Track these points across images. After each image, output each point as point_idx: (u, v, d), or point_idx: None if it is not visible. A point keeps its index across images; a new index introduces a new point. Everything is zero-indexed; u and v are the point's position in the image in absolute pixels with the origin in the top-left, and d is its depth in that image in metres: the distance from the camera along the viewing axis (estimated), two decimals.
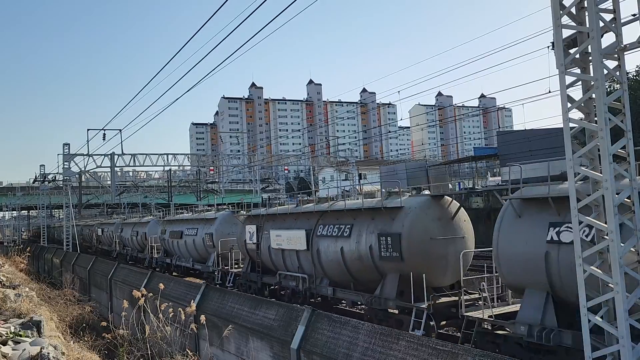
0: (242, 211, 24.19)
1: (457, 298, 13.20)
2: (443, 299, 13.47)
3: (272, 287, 20.61)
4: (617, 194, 7.37)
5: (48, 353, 9.68)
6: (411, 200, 15.03)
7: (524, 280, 11.08)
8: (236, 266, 23.89)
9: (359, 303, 16.61)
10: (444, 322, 13.63)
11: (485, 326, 11.79)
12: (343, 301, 17.84)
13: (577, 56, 7.81)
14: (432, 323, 13.26)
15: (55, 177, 51.10)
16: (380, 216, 15.34)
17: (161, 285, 16.23)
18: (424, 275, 13.28)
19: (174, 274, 30.42)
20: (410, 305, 13.36)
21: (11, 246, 53.56)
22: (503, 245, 11.46)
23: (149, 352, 13.81)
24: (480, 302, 12.33)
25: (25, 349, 9.91)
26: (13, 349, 9.98)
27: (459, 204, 15.03)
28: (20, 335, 11.07)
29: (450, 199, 15.17)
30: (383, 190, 16.88)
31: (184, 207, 39.99)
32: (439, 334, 13.13)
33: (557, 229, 10.35)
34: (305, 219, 18.83)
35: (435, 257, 13.98)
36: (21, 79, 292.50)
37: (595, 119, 7.61)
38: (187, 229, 29.77)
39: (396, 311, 14.36)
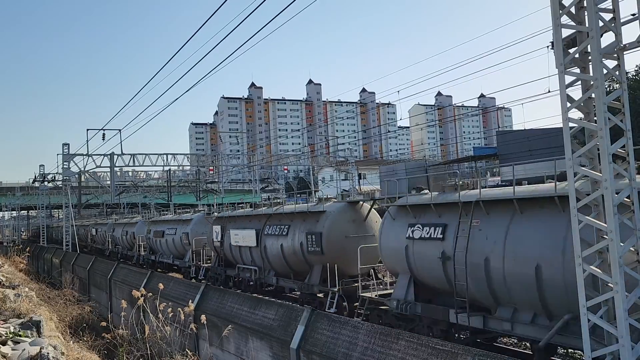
0: (215, 213, 27.08)
1: (363, 284, 16.35)
2: (354, 285, 16.73)
3: (235, 278, 23.88)
4: (617, 193, 7.37)
5: (47, 353, 9.67)
6: (332, 206, 18.52)
7: (396, 267, 14.65)
8: (208, 261, 26.84)
9: (295, 289, 20.00)
10: (356, 304, 16.38)
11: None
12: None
13: (577, 56, 7.81)
14: (344, 304, 16.78)
15: (54, 177, 51.08)
16: (309, 218, 18.86)
17: (160, 285, 16.24)
18: (335, 265, 17.07)
19: (158, 270, 32.37)
20: (327, 289, 17.14)
21: (11, 246, 53.53)
22: (383, 241, 15.02)
23: (149, 352, 13.81)
24: (374, 285, 16.18)
25: (24, 349, 9.91)
26: (13, 349, 9.97)
27: (369, 207, 18.28)
28: (20, 335, 11.06)
29: (364, 203, 18.59)
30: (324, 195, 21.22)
31: (182, 207, 40.21)
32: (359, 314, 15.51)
33: (411, 228, 13.73)
34: (257, 220, 22.26)
35: (349, 251, 16.89)
36: (20, 79, 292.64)
37: (595, 118, 7.61)
38: (168, 228, 33.02)
39: (322, 295, 17.80)
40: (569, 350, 12.65)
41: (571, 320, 9.72)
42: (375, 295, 15.28)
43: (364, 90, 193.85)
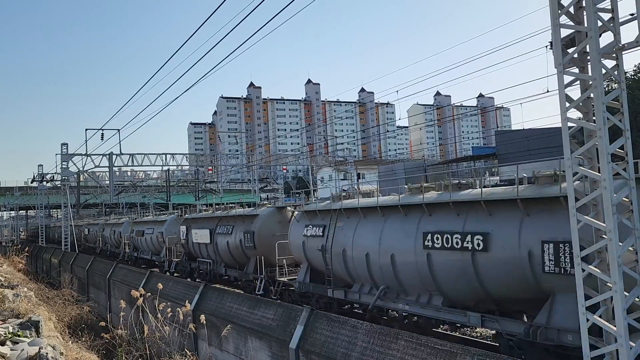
0: (187, 214, 31.24)
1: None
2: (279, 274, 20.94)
3: (200, 270, 27.66)
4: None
5: (46, 353, 9.66)
6: (264, 210, 22.58)
7: (299, 257, 18.97)
8: (179, 257, 31.22)
9: (237, 277, 24.00)
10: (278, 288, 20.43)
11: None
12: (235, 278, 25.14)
13: (576, 55, 7.82)
14: (271, 287, 20.57)
15: (53, 177, 51.02)
16: (247, 220, 22.93)
17: (160, 285, 16.23)
18: (263, 257, 21.32)
19: (142, 266, 36.10)
20: (257, 275, 21.45)
21: (9, 246, 53.48)
22: (291, 238, 19.13)
23: (148, 352, 13.79)
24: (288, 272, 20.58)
25: (23, 349, 9.90)
26: (11, 349, 9.96)
27: (292, 212, 21.67)
28: (19, 336, 11.05)
29: (290, 208, 22.22)
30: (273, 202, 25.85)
31: (181, 207, 40.41)
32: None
33: (307, 228, 17.97)
34: (211, 222, 26.41)
35: (274, 247, 20.63)
36: (19, 79, 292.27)
37: (594, 118, 7.62)
38: (147, 228, 37.07)
39: (257, 281, 21.44)
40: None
41: (386, 289, 14.59)
42: (287, 280, 19.98)
43: (362, 90, 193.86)
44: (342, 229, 16.32)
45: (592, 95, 7.54)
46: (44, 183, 52.47)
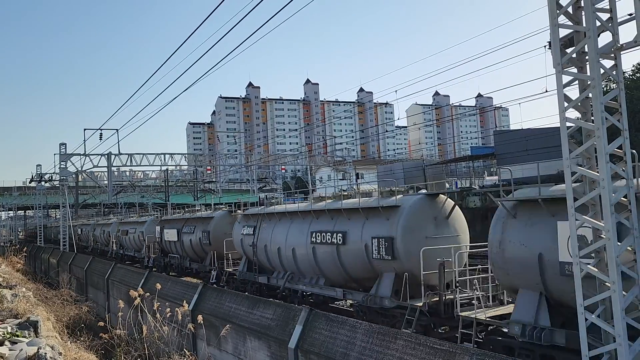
0: (163, 216, 35.96)
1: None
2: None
3: (171, 264, 31.89)
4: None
5: (45, 353, 9.65)
6: (219, 213, 27.19)
7: (239, 252, 23.19)
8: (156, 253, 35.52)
9: (197, 269, 28.56)
10: (225, 277, 24.19)
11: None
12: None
13: (574, 55, 7.83)
14: (223, 277, 23.78)
15: (51, 177, 50.98)
16: (205, 221, 27.54)
17: (158, 285, 16.23)
18: (216, 252, 25.68)
19: (127, 262, 38.80)
20: (212, 267, 25.57)
21: (8, 246, 53.41)
22: (234, 236, 23.50)
23: (146, 352, 13.79)
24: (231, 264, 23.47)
25: (22, 349, 9.89)
26: (10, 349, 9.95)
27: (241, 214, 24.57)
28: (17, 336, 11.04)
29: (239, 212, 25.39)
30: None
31: (180, 207, 40.71)
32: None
33: (244, 228, 22.72)
34: (179, 222, 31.04)
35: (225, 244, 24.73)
36: (17, 79, 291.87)
37: (592, 118, 7.63)
38: (130, 228, 41.22)
39: (212, 271, 25.41)
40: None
41: (292, 274, 19.33)
42: (232, 270, 23.78)
43: (361, 89, 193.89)
44: (265, 229, 20.91)
45: (590, 95, 7.55)
46: (43, 183, 52.44)
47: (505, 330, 11.35)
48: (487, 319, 11.72)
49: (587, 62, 7.65)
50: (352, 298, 16.51)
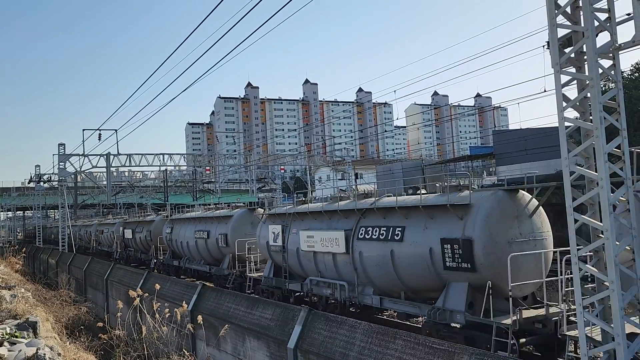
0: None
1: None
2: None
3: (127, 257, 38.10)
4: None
5: (44, 354, 9.64)
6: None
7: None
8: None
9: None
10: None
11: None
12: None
13: (572, 55, 7.83)
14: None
15: (50, 177, 50.94)
16: (148, 224, 33.25)
17: (157, 286, 16.20)
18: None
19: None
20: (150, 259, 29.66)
21: (6, 247, 53.31)
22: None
23: (146, 353, 13.77)
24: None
25: (21, 350, 9.87)
26: (9, 350, 9.93)
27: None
28: (16, 336, 11.02)
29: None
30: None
31: (179, 207, 41.00)
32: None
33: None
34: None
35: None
36: (16, 79, 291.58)
37: (591, 117, 7.64)
38: (106, 228, 48.44)
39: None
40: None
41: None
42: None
43: (360, 89, 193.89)
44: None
45: (589, 94, 7.55)
46: (41, 183, 52.37)
47: None
48: (255, 276, 15.73)
49: (586, 62, 7.66)
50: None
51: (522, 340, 11.39)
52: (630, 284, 7.61)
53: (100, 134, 37.98)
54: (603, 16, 7.59)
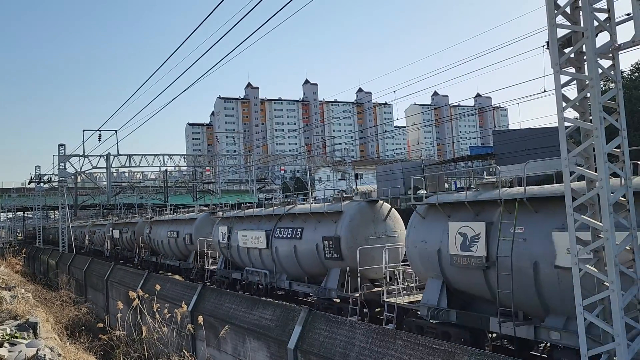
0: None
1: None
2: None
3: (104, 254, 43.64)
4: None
5: (44, 355, 9.64)
6: (141, 220, 36.72)
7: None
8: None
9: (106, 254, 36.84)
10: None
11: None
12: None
13: (572, 55, 7.84)
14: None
15: (50, 178, 50.94)
16: (132, 226, 36.17)
17: (157, 287, 16.19)
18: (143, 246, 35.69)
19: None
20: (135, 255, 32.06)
21: (7, 247, 53.32)
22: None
23: (146, 353, 13.77)
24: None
25: (21, 351, 9.87)
26: (9, 351, 9.93)
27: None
28: (16, 337, 11.02)
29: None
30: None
31: (179, 208, 41.21)
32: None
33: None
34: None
35: None
36: (16, 80, 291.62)
37: (590, 118, 7.64)
38: (98, 229, 52.49)
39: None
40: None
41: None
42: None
43: (360, 90, 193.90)
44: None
45: (588, 95, 7.56)
46: (42, 184, 52.38)
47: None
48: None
49: (585, 62, 7.66)
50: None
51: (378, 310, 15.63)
52: (630, 284, 7.62)
53: (100, 134, 37.98)
54: (603, 16, 7.59)
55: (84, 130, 39.67)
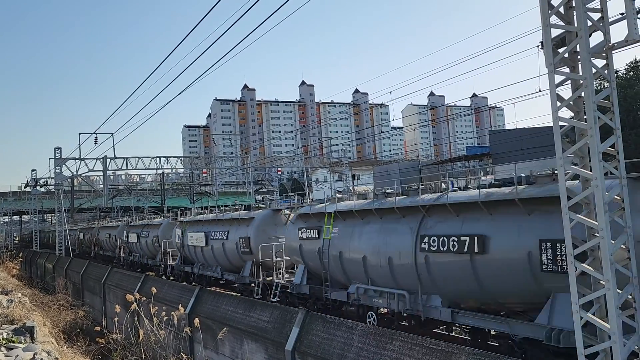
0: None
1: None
2: None
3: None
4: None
5: (41, 359, 9.62)
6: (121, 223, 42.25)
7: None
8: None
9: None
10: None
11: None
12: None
13: (566, 55, 7.86)
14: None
15: (47, 181, 50.80)
16: (112, 229, 42.10)
17: (153, 290, 16.15)
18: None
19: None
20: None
21: (3, 252, 53.15)
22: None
23: (143, 356, 13.73)
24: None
25: (18, 355, 9.84)
26: (6, 355, 9.90)
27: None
28: (13, 341, 10.98)
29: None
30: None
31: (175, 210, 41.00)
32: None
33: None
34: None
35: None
36: (12, 83, 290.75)
37: (585, 117, 7.67)
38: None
39: None
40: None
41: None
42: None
43: (356, 91, 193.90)
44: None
45: (582, 94, 7.58)
46: (38, 188, 52.24)
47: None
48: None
49: (579, 62, 7.69)
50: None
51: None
52: (626, 283, 7.64)
53: (96, 137, 37.96)
54: (596, 16, 7.62)
55: (80, 133, 39.66)
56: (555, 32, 7.90)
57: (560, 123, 7.80)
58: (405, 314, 13.76)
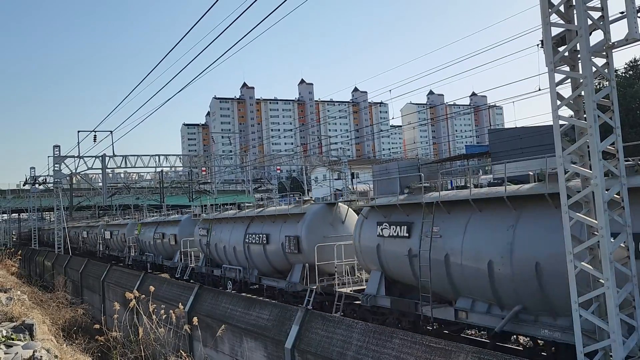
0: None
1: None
2: None
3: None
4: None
5: (41, 357, 9.62)
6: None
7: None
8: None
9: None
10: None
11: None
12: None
13: (566, 54, 7.87)
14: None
15: (45, 179, 50.75)
16: (106, 229, 42.95)
17: (151, 288, 16.14)
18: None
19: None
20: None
21: (2, 249, 53.11)
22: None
23: (143, 354, 13.74)
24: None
25: (17, 353, 9.84)
26: (5, 353, 9.90)
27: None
28: (12, 339, 10.99)
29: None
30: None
31: (174, 209, 40.74)
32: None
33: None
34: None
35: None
36: (11, 81, 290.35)
37: (585, 116, 7.67)
38: (87, 229, 56.10)
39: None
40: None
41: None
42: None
43: (356, 89, 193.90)
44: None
45: (582, 93, 7.59)
46: (37, 186, 52.18)
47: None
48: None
49: (579, 61, 7.70)
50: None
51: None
52: (625, 281, 7.65)
53: (95, 135, 37.84)
54: (596, 15, 7.63)
55: (79, 132, 39.50)
56: (555, 31, 7.91)
57: (560, 122, 7.81)
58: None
